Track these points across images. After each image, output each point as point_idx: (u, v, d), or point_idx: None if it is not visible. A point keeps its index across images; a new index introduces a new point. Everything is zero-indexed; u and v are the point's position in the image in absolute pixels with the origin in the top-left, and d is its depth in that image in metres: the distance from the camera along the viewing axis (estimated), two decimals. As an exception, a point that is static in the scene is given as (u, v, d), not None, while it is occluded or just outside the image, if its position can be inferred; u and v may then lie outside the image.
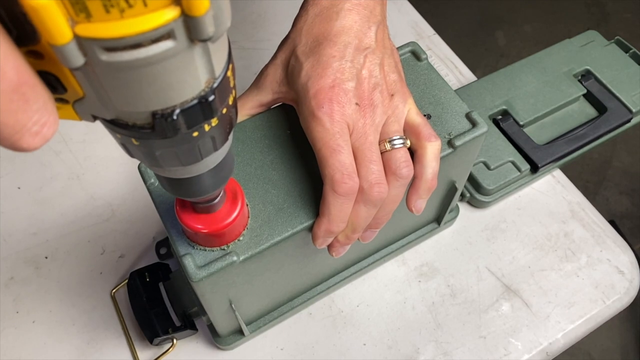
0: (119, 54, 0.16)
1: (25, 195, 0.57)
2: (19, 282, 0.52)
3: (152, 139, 0.21)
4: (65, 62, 0.16)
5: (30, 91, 0.16)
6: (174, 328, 0.46)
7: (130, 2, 0.15)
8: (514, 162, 0.56)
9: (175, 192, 0.28)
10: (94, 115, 0.20)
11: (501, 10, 1.89)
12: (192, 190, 0.27)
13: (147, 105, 0.19)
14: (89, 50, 0.16)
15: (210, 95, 0.20)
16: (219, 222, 0.33)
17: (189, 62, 0.18)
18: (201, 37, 0.17)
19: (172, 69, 0.18)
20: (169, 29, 0.16)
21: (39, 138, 0.17)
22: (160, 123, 0.20)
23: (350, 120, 0.35)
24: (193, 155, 0.23)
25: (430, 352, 0.49)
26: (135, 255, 0.54)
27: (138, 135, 0.21)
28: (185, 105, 0.20)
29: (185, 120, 0.20)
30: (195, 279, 0.34)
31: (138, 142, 0.21)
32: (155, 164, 0.23)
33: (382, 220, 0.38)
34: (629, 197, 1.52)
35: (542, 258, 0.54)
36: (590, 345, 1.31)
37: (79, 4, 0.15)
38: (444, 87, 0.43)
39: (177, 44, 0.17)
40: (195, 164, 0.24)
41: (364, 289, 0.52)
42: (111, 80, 0.18)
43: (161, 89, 0.18)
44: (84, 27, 0.15)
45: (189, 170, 0.25)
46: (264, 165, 0.39)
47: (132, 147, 0.22)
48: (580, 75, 0.62)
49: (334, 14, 0.37)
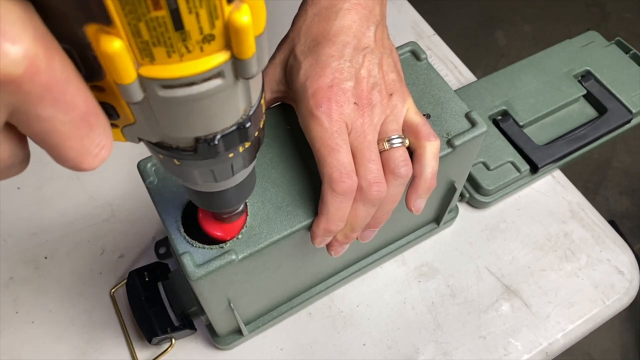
0: (174, 90, 0.18)
1: (25, 195, 0.57)
2: (18, 282, 0.52)
3: (193, 160, 0.23)
4: (127, 98, 0.18)
5: (94, 119, 0.19)
6: (172, 328, 0.46)
7: (189, 47, 0.17)
8: (513, 163, 0.56)
9: (201, 203, 0.31)
10: (140, 137, 0.22)
11: (501, 10, 1.89)
12: (222, 203, 0.30)
13: (193, 132, 0.21)
14: (149, 87, 0.18)
15: (247, 122, 0.22)
16: None
17: (232, 96, 0.20)
18: (246, 76, 0.19)
19: (218, 102, 0.20)
20: (219, 70, 0.18)
21: (98, 159, 0.20)
22: (202, 147, 0.22)
23: (348, 119, 0.35)
24: (226, 173, 0.26)
25: (430, 352, 0.49)
26: (135, 255, 0.54)
27: (180, 157, 0.23)
28: (225, 131, 0.22)
29: (225, 144, 0.22)
30: (194, 277, 0.34)
31: (179, 162, 0.24)
32: (191, 181, 0.26)
33: (381, 219, 0.38)
34: (629, 197, 1.52)
35: (542, 258, 0.54)
36: (590, 345, 1.31)
37: (145, 51, 0.17)
38: (443, 87, 0.43)
39: (224, 82, 0.19)
40: (227, 179, 0.27)
41: (363, 289, 0.52)
42: (163, 111, 0.20)
43: (206, 119, 0.21)
44: (147, 69, 0.18)
45: (220, 185, 0.28)
46: (263, 163, 0.39)
47: (172, 166, 0.24)
48: (581, 76, 0.62)
49: (333, 14, 0.37)
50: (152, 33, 0.16)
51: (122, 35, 0.16)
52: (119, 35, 0.16)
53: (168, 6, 0.16)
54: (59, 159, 0.19)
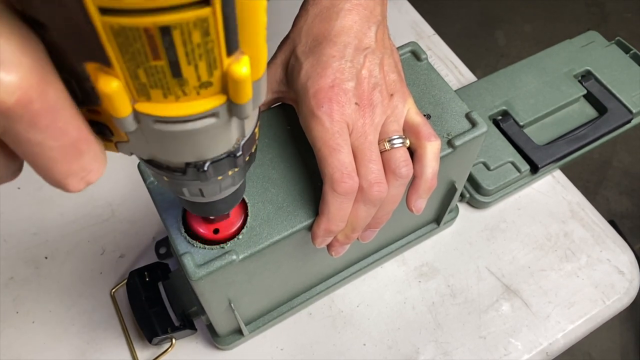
0: (168, 126, 0.19)
1: (25, 195, 0.57)
2: (19, 282, 0.52)
3: (183, 179, 0.23)
4: (121, 128, 0.19)
5: (85, 146, 0.19)
6: (173, 328, 0.46)
7: (186, 92, 0.17)
8: (513, 163, 0.56)
9: (192, 210, 0.31)
10: (132, 152, 0.23)
11: (501, 10, 1.89)
12: (209, 211, 0.30)
13: (182, 158, 0.22)
14: (143, 121, 0.18)
15: (239, 151, 0.23)
16: (220, 232, 0.36)
17: (225, 131, 0.21)
18: (241, 117, 0.19)
19: (211, 136, 0.20)
20: (214, 111, 0.19)
21: (84, 183, 0.20)
22: (192, 171, 0.22)
23: (349, 119, 0.35)
24: (214, 191, 0.26)
25: (430, 352, 0.49)
26: (135, 255, 0.54)
27: (170, 176, 0.23)
28: (215, 159, 0.22)
29: (214, 170, 0.23)
30: (195, 277, 0.34)
31: (168, 179, 0.24)
32: (180, 194, 0.27)
33: (381, 219, 0.38)
34: (629, 197, 1.52)
35: (542, 258, 0.54)
36: (590, 345, 1.31)
37: (142, 91, 0.17)
38: (443, 87, 0.43)
39: (219, 121, 0.19)
40: (215, 195, 0.27)
41: (363, 289, 0.52)
42: (156, 139, 0.20)
43: (197, 148, 0.21)
44: (143, 106, 0.18)
45: (209, 199, 0.28)
46: (263, 164, 0.39)
47: (162, 181, 0.25)
48: (581, 76, 0.62)
49: (334, 14, 0.37)
50: (150, 78, 0.17)
51: (120, 76, 0.17)
52: (117, 76, 0.16)
53: (167, 58, 0.16)
54: (45, 178, 0.19)
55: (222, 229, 0.36)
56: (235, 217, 0.36)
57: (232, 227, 0.36)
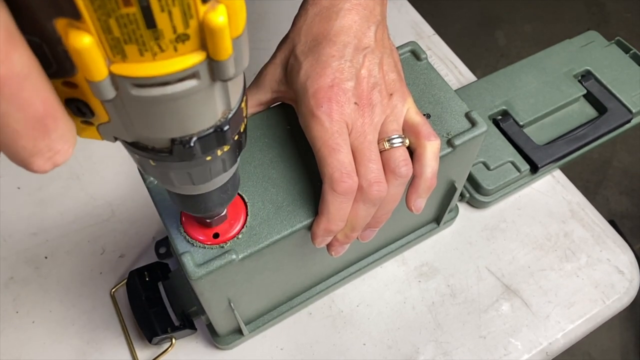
0: (147, 90, 0.18)
1: (25, 195, 0.57)
2: (19, 282, 0.52)
3: (169, 162, 0.23)
4: (98, 95, 0.18)
5: (52, 122, 0.18)
6: (173, 327, 0.46)
7: (162, 47, 0.17)
8: (513, 163, 0.56)
9: (184, 207, 0.30)
10: (115, 137, 0.22)
11: (501, 10, 1.89)
12: (200, 207, 0.29)
13: (167, 133, 0.21)
14: (121, 86, 0.18)
15: (225, 125, 0.22)
16: (220, 236, 0.36)
17: (209, 97, 0.20)
18: (222, 78, 0.19)
19: (194, 103, 0.19)
20: (194, 70, 0.18)
21: (50, 163, 0.19)
22: (178, 149, 0.21)
23: (349, 119, 0.35)
24: (204, 176, 0.25)
25: (430, 352, 0.49)
26: (135, 254, 0.54)
27: (156, 158, 0.22)
28: (202, 134, 0.21)
29: (201, 147, 0.22)
30: (194, 277, 0.34)
31: (155, 164, 0.23)
32: (168, 182, 0.25)
33: (381, 219, 0.38)
34: (629, 197, 1.52)
35: (542, 258, 0.54)
36: (590, 345, 1.31)
37: (117, 48, 0.16)
38: (443, 87, 0.43)
39: (200, 83, 0.18)
40: (205, 183, 0.26)
41: (364, 289, 0.52)
42: (137, 110, 0.19)
43: (182, 120, 0.20)
44: (119, 67, 0.17)
45: (198, 188, 0.27)
46: (263, 163, 0.39)
47: (149, 167, 0.24)
48: (581, 76, 0.62)
49: (333, 14, 0.37)
50: (123, 30, 0.16)
51: (92, 30, 0.16)
52: (89, 30, 0.16)
53: (139, 3, 0.15)
54: (9, 155, 0.18)
55: (221, 233, 0.36)
56: (234, 219, 0.36)
57: (232, 231, 0.36)
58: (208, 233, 0.35)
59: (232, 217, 0.36)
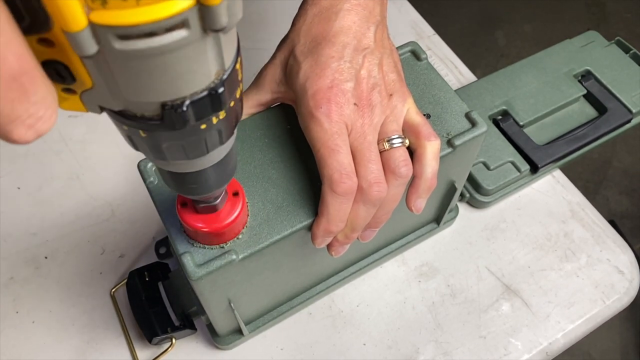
0: (132, 42, 0.16)
1: (25, 195, 0.57)
2: (19, 282, 0.52)
3: (160, 131, 0.21)
4: (79, 50, 0.16)
5: (29, 82, 0.16)
6: (173, 327, 0.46)
7: None
8: (513, 163, 0.56)
9: (179, 188, 0.28)
10: (101, 106, 0.20)
11: (501, 10, 1.89)
12: (195, 187, 0.27)
13: (157, 96, 0.19)
14: (103, 38, 0.16)
15: (220, 87, 0.20)
16: (220, 221, 0.33)
17: (200, 52, 0.18)
18: (214, 27, 0.17)
19: (184, 59, 0.18)
20: (183, 17, 0.16)
21: (32, 132, 0.17)
22: (169, 114, 0.20)
23: (348, 120, 0.35)
24: (199, 148, 0.23)
25: (430, 352, 0.49)
26: (135, 254, 0.54)
27: (146, 127, 0.20)
28: (195, 97, 0.20)
29: (195, 112, 0.20)
30: (194, 277, 0.34)
31: (145, 135, 0.21)
32: (160, 156, 0.23)
33: (381, 219, 0.38)
34: (629, 197, 1.52)
35: (542, 258, 0.54)
36: (590, 345, 1.31)
37: None
38: (443, 87, 0.43)
39: (190, 34, 0.17)
40: (201, 157, 0.24)
41: (364, 289, 0.52)
42: (123, 69, 0.18)
43: (172, 79, 0.18)
44: (99, 14, 0.15)
45: (193, 164, 0.25)
46: (263, 163, 0.39)
47: (138, 139, 0.22)
48: (581, 76, 0.62)
49: (333, 15, 0.37)
50: None
51: None
52: None
53: None
54: None
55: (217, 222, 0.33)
56: (233, 208, 0.33)
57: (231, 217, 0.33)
58: (208, 219, 0.33)
59: (230, 196, 0.34)
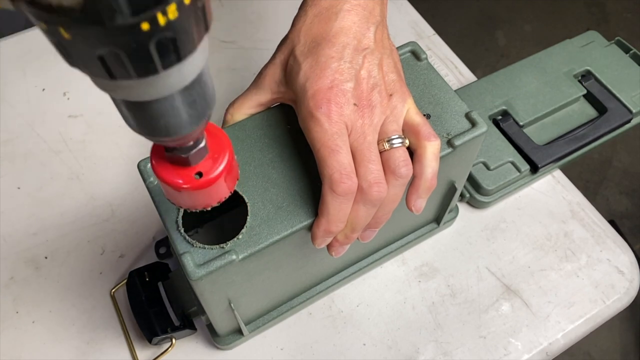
0: None
1: (25, 195, 0.57)
2: (19, 282, 0.52)
3: (86, 28, 0.16)
4: None
5: None
6: (173, 328, 0.46)
7: None
8: (513, 163, 0.56)
9: (140, 125, 0.22)
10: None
11: (501, 10, 1.89)
12: (159, 124, 0.22)
13: None
14: None
15: None
16: (201, 177, 0.27)
17: None
18: None
19: None
20: None
21: None
22: (92, 1, 0.15)
23: (348, 120, 0.35)
24: (146, 61, 0.18)
25: (430, 352, 0.49)
26: (135, 255, 0.54)
27: (67, 23, 0.16)
28: None
29: (129, 1, 0.15)
30: (194, 277, 0.34)
31: (69, 35, 0.17)
32: (100, 73, 0.18)
33: (381, 219, 0.38)
34: (629, 197, 1.52)
35: (542, 258, 0.54)
36: (590, 345, 1.31)
37: None
38: (443, 87, 0.43)
39: None
40: (154, 76, 0.19)
41: (364, 289, 0.52)
42: None
43: None
44: None
45: (148, 87, 0.20)
46: (263, 164, 0.39)
47: (67, 44, 0.17)
48: (581, 76, 0.62)
49: (332, 15, 0.37)
50: None
51: None
52: None
53: None
54: None
55: (205, 172, 0.28)
56: (218, 153, 0.28)
57: (217, 167, 0.28)
58: (188, 173, 0.27)
59: (213, 150, 0.28)
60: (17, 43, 0.69)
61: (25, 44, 0.68)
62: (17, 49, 0.68)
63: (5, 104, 0.64)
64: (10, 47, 0.68)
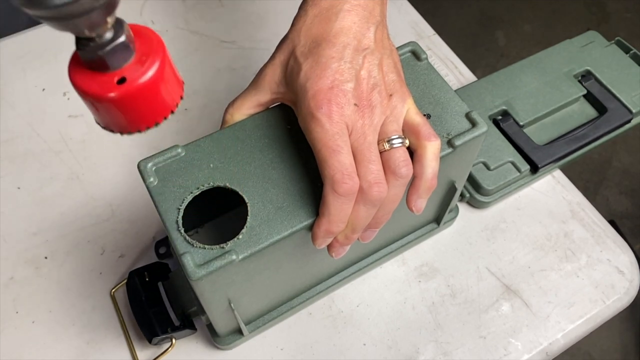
0: None
1: (25, 195, 0.57)
2: (19, 282, 0.52)
3: None
4: None
5: None
6: (173, 328, 0.46)
7: None
8: (513, 163, 0.56)
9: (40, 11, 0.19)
10: None
11: (501, 10, 1.89)
12: None
13: None
14: None
15: None
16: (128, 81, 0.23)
17: None
18: None
19: None
20: None
21: None
22: None
23: (349, 120, 0.35)
24: None
25: (430, 352, 0.49)
26: (135, 255, 0.54)
27: None
28: None
29: None
30: (194, 277, 0.34)
31: None
32: None
33: (381, 220, 0.38)
34: (629, 197, 1.52)
35: (542, 258, 0.54)
36: (590, 345, 1.31)
37: None
38: (443, 87, 0.43)
39: None
40: None
41: (364, 289, 0.52)
42: None
43: None
44: None
45: None
46: (263, 164, 0.39)
47: None
48: (581, 76, 0.62)
49: (333, 15, 0.37)
50: None
51: None
52: None
53: None
54: None
55: (129, 77, 0.23)
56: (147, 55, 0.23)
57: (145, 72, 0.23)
58: (107, 80, 0.23)
59: (142, 52, 0.24)
60: (17, 43, 0.68)
61: (25, 44, 0.68)
62: (17, 49, 0.68)
63: (5, 104, 0.64)
64: (10, 47, 0.68)
